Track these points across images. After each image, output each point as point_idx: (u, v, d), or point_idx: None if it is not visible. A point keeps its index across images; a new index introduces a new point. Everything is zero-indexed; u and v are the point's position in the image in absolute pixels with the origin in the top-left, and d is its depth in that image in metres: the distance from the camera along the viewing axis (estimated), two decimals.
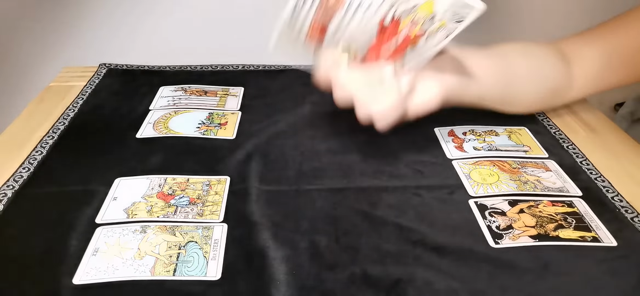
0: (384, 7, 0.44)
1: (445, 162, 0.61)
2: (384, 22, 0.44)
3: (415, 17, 0.44)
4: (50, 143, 0.64)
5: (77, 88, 0.79)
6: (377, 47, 0.46)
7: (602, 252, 0.48)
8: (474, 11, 0.43)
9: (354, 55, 0.46)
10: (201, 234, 0.49)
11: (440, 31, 0.45)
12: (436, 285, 0.44)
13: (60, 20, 1.05)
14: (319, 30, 0.47)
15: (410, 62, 0.46)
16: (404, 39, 0.45)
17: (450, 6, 0.44)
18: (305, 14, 0.46)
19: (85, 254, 0.47)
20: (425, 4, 0.44)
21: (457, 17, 0.44)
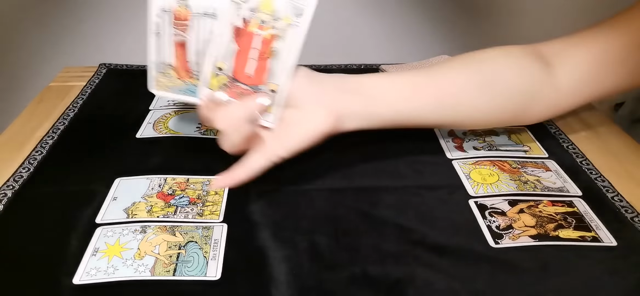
0: (231, 12, 0.46)
1: (445, 162, 0.61)
2: (235, 24, 0.46)
3: (260, 17, 0.45)
4: (50, 143, 0.64)
5: (77, 88, 0.79)
6: (241, 55, 0.46)
7: (602, 252, 0.48)
8: (309, 3, 0.45)
9: (224, 72, 0.47)
10: (201, 234, 0.49)
11: (288, 30, 0.45)
12: (436, 285, 0.44)
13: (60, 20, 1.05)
14: (182, 60, 0.48)
15: (278, 77, 0.46)
16: (262, 42, 0.46)
17: (288, 1, 0.45)
18: (166, 49, 0.48)
19: (85, 254, 0.47)
20: (264, 3, 0.45)
21: (297, 11, 0.45)
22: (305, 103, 0.49)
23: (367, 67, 0.88)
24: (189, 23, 0.47)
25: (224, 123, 0.48)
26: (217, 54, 0.46)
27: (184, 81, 0.49)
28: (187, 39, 0.47)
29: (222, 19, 0.46)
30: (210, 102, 0.48)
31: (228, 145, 0.48)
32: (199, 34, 0.47)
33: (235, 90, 0.47)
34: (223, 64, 0.47)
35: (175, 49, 0.48)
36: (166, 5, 0.47)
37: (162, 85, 0.49)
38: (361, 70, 0.88)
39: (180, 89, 0.49)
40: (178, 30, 0.47)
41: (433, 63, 0.84)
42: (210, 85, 0.48)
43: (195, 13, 0.47)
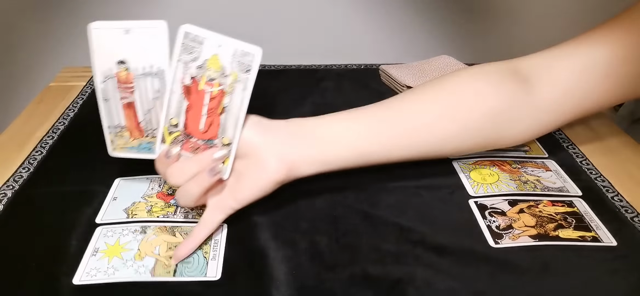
0: (179, 70, 0.47)
1: (445, 162, 0.61)
2: (185, 82, 0.47)
3: (208, 74, 0.46)
4: (50, 143, 0.64)
5: (77, 88, 0.79)
6: (193, 111, 0.47)
7: (602, 252, 0.48)
8: (256, 57, 0.46)
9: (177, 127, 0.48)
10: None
11: (236, 85, 0.46)
12: (436, 285, 0.44)
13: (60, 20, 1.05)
14: (133, 120, 0.50)
15: (230, 131, 0.47)
16: (210, 98, 0.47)
17: (233, 57, 0.46)
18: (116, 112, 0.50)
19: (85, 254, 0.47)
20: (212, 59, 0.46)
21: (244, 67, 0.46)
22: (256, 153, 0.48)
23: (367, 67, 0.88)
24: (133, 84, 0.49)
25: (179, 178, 0.47)
26: (169, 110, 0.47)
27: (139, 140, 0.50)
28: (133, 99, 0.49)
29: (172, 76, 0.47)
30: (165, 158, 0.48)
31: (184, 200, 0.47)
32: (145, 93, 0.49)
33: (190, 145, 0.48)
34: (176, 120, 0.48)
35: (125, 111, 0.49)
36: (108, 71, 0.49)
37: (119, 146, 0.51)
38: (361, 70, 0.88)
39: (136, 148, 0.51)
40: (123, 93, 0.49)
41: (433, 62, 0.84)
42: (165, 140, 0.48)
43: (136, 74, 0.48)
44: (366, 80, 0.84)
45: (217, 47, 0.46)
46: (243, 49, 0.46)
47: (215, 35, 0.46)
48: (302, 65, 0.89)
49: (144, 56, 0.48)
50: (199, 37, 0.46)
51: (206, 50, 0.46)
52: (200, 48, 0.46)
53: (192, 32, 0.46)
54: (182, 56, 0.46)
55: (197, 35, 0.46)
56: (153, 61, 0.48)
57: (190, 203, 0.47)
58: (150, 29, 0.47)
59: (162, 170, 0.48)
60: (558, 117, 0.56)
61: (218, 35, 0.46)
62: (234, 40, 0.46)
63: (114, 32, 0.48)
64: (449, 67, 0.82)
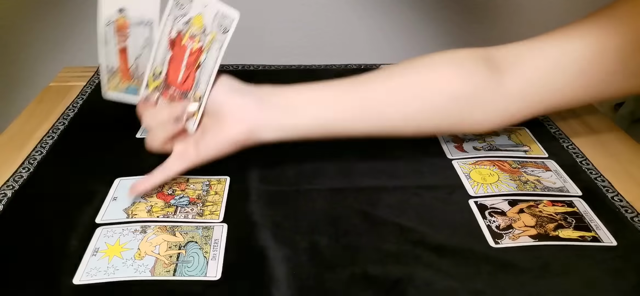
0: (168, 24, 0.52)
1: (445, 162, 0.61)
2: (171, 35, 0.52)
3: (192, 30, 0.51)
4: (50, 143, 0.64)
5: (77, 88, 0.79)
6: (174, 62, 0.52)
7: (602, 252, 0.48)
8: (234, 20, 0.50)
9: (160, 76, 0.53)
10: (201, 234, 0.49)
11: (213, 44, 0.51)
12: (436, 285, 0.44)
13: (60, 20, 1.05)
14: (125, 64, 0.56)
15: (202, 88, 0.51)
16: (190, 53, 0.51)
17: (214, 18, 0.50)
18: (112, 55, 0.56)
19: (85, 254, 0.47)
20: (196, 17, 0.51)
21: (223, 28, 0.50)
22: (220, 112, 0.52)
23: (367, 67, 0.88)
24: (129, 31, 0.55)
25: (151, 120, 0.52)
26: (155, 59, 0.52)
27: (127, 83, 0.57)
28: (127, 45, 0.55)
29: (161, 28, 0.52)
30: (145, 102, 0.53)
31: (150, 141, 0.52)
32: (136, 40, 0.55)
33: (168, 94, 0.53)
34: (160, 68, 0.52)
35: (119, 55, 0.56)
36: (111, 17, 0.56)
37: (112, 87, 0.57)
38: (361, 70, 0.87)
39: (125, 90, 0.57)
40: (120, 38, 0.55)
41: None
42: (148, 86, 0.53)
43: (132, 23, 0.55)
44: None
45: (203, 7, 0.51)
46: (224, 12, 0.50)
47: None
48: (302, 65, 0.89)
49: (140, 7, 0.55)
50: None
51: (194, 8, 0.51)
52: (190, 5, 0.51)
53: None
54: (173, 11, 0.51)
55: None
56: (145, 12, 0.55)
57: (155, 146, 0.53)
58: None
59: (140, 112, 0.53)
60: (525, 108, 0.55)
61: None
62: (217, 3, 0.50)
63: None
64: None
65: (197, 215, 0.52)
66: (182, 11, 0.51)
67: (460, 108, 0.54)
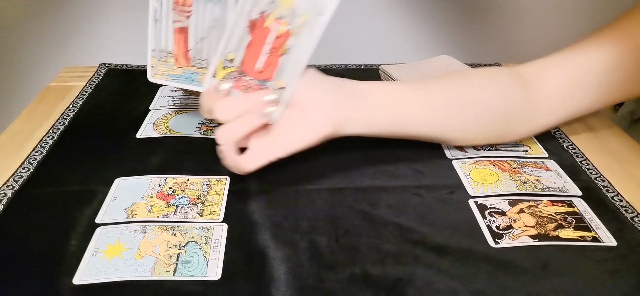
0: (248, 3, 0.44)
1: (445, 162, 0.61)
2: (251, 16, 0.44)
3: (278, 12, 0.44)
4: (50, 143, 0.64)
5: (77, 88, 0.79)
6: (253, 47, 0.45)
7: (602, 252, 0.48)
8: (331, 0, 0.43)
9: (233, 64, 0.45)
10: (201, 234, 0.49)
11: (304, 27, 0.44)
12: (436, 285, 0.44)
13: (60, 20, 1.05)
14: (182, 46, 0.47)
15: (287, 74, 0.45)
16: (276, 38, 0.44)
17: (309, 0, 0.43)
18: (166, 35, 0.47)
19: (85, 254, 0.47)
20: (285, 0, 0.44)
21: (318, 9, 0.43)
22: (308, 104, 0.49)
23: (367, 67, 0.88)
24: (192, 8, 0.46)
25: (226, 113, 0.47)
26: (229, 43, 0.45)
27: (183, 68, 0.48)
28: (188, 25, 0.46)
29: (239, 8, 0.44)
30: (214, 92, 0.47)
31: (226, 137, 0.47)
32: (202, 19, 0.46)
33: (242, 83, 0.46)
34: (233, 55, 0.45)
35: (175, 35, 0.47)
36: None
37: (160, 72, 0.49)
38: (361, 70, 0.88)
39: (179, 76, 0.48)
40: (178, 16, 0.46)
41: (433, 63, 0.84)
42: (216, 74, 0.46)
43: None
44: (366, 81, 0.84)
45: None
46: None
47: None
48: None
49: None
50: None
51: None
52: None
53: None
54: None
55: None
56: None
57: (232, 142, 0.47)
58: None
59: (208, 104, 0.47)
60: (553, 118, 0.61)
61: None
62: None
63: None
64: (449, 67, 0.82)
65: (197, 215, 0.52)
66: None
67: (506, 122, 0.59)
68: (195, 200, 0.54)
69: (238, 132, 0.47)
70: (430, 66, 0.83)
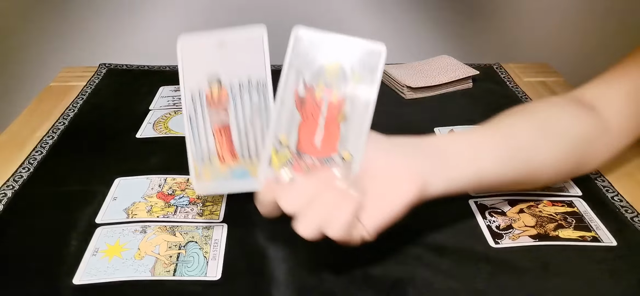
0: (291, 79, 0.41)
1: None
2: (299, 93, 0.41)
3: (326, 80, 0.41)
4: (50, 143, 0.64)
5: (77, 88, 0.79)
6: (307, 124, 0.41)
7: (602, 252, 0.48)
8: (381, 54, 0.41)
9: (288, 147, 0.41)
10: (201, 234, 0.49)
11: (359, 88, 0.41)
12: (436, 285, 0.44)
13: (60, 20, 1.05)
14: (226, 144, 0.43)
15: (351, 143, 0.41)
16: (328, 107, 0.41)
17: (354, 59, 0.41)
18: (205, 136, 0.42)
19: (85, 254, 0.47)
20: (330, 62, 0.41)
21: (368, 68, 0.41)
22: (385, 175, 0.42)
23: None
24: (229, 102, 0.42)
25: (298, 204, 0.40)
26: (278, 126, 0.41)
27: (231, 167, 0.43)
28: (227, 120, 0.42)
29: (282, 87, 0.41)
30: (275, 184, 0.41)
31: (307, 228, 0.39)
32: (242, 111, 0.42)
33: (302, 165, 0.41)
34: (285, 137, 0.41)
35: (216, 135, 0.43)
36: (196, 89, 0.42)
37: (207, 176, 0.43)
38: None
39: (229, 176, 0.43)
40: (215, 114, 0.42)
41: (433, 62, 0.84)
42: (271, 163, 0.41)
43: (232, 91, 0.42)
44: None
45: (335, 49, 0.41)
46: (366, 47, 0.41)
47: (332, 35, 0.41)
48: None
49: (241, 69, 0.42)
50: (314, 39, 0.41)
51: (322, 52, 0.41)
52: (315, 51, 0.41)
53: (306, 34, 0.41)
54: (293, 63, 0.41)
55: (311, 37, 0.41)
56: (251, 73, 0.42)
57: (314, 233, 0.39)
58: (247, 37, 0.41)
59: (269, 196, 0.41)
60: (627, 138, 0.56)
61: (335, 35, 0.41)
62: (354, 39, 0.41)
63: (206, 45, 0.41)
64: (449, 67, 0.82)
65: (197, 215, 0.52)
66: (306, 60, 0.41)
67: (583, 150, 0.54)
68: (195, 200, 0.54)
69: (318, 219, 0.40)
70: (430, 66, 0.83)
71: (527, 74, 0.86)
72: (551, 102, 0.57)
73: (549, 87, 0.82)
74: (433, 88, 0.79)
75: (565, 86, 0.82)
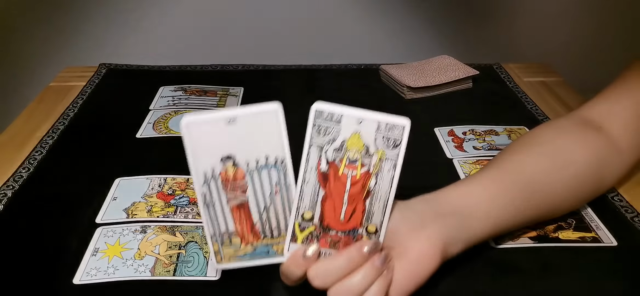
0: (313, 156, 0.41)
1: (445, 162, 0.61)
2: (321, 169, 0.41)
3: (350, 156, 0.41)
4: (50, 143, 0.64)
5: (77, 88, 0.79)
6: (332, 199, 0.41)
7: (602, 252, 0.48)
8: (405, 129, 0.41)
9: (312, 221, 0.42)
10: (201, 234, 0.49)
11: (383, 164, 0.41)
12: (436, 285, 0.44)
13: (60, 20, 1.05)
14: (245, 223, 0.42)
15: (377, 218, 0.42)
16: (353, 184, 0.41)
17: (377, 133, 0.41)
18: (223, 217, 0.42)
19: (85, 254, 0.47)
20: (352, 138, 0.41)
21: (392, 142, 0.41)
22: (404, 241, 0.43)
23: (367, 67, 0.88)
24: (245, 181, 0.41)
25: (328, 279, 0.40)
26: (302, 203, 0.41)
27: (253, 244, 0.43)
28: (245, 199, 0.42)
29: (304, 165, 0.41)
30: (302, 259, 0.41)
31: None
32: (260, 189, 0.42)
33: (328, 239, 0.42)
34: (309, 213, 0.42)
35: (234, 214, 0.42)
36: (210, 171, 0.41)
37: (228, 256, 0.42)
38: (361, 70, 0.87)
39: (251, 254, 0.43)
40: (232, 193, 0.42)
41: (433, 62, 0.84)
42: (296, 239, 0.42)
43: (248, 170, 0.41)
44: (366, 80, 0.84)
45: (357, 124, 0.40)
46: (389, 122, 0.40)
47: (354, 111, 0.40)
48: (302, 65, 0.89)
49: (257, 147, 0.41)
50: (335, 114, 0.40)
51: (345, 128, 0.40)
52: (337, 127, 0.41)
53: (326, 109, 0.40)
54: (314, 139, 0.41)
55: (332, 112, 0.40)
56: (269, 151, 0.41)
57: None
58: (261, 114, 0.40)
59: (296, 273, 0.41)
60: (638, 155, 0.55)
61: (356, 110, 0.40)
62: (377, 114, 0.40)
63: (214, 124, 0.40)
64: (449, 67, 0.82)
65: (197, 215, 0.52)
66: (328, 136, 0.41)
67: (596, 174, 0.53)
68: (195, 200, 0.54)
69: (357, 292, 0.40)
70: (430, 66, 0.83)
71: (527, 74, 0.86)
72: (558, 128, 0.55)
73: (549, 87, 0.82)
74: (433, 88, 0.79)
75: (565, 86, 0.82)
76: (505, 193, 0.48)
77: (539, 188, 0.49)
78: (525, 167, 0.50)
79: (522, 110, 0.74)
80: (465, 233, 0.45)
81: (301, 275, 0.41)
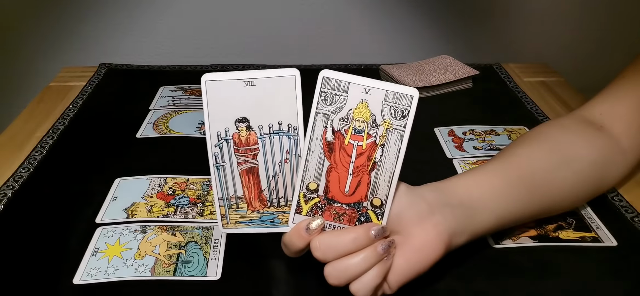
0: (319, 125, 0.40)
1: (445, 162, 0.61)
2: (327, 138, 0.41)
3: (355, 125, 0.40)
4: (50, 143, 0.64)
5: (77, 88, 0.79)
6: (336, 170, 0.41)
7: (602, 252, 0.48)
8: (413, 99, 0.40)
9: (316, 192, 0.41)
10: (201, 234, 0.49)
11: (390, 135, 0.40)
12: (436, 285, 0.44)
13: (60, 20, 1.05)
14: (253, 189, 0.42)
15: (382, 192, 0.41)
16: (358, 155, 0.40)
17: (384, 103, 0.40)
18: (232, 181, 0.42)
19: (85, 254, 0.47)
20: (359, 107, 0.40)
21: (400, 113, 0.40)
22: (409, 226, 0.42)
23: (367, 67, 0.88)
24: (257, 146, 0.41)
25: (332, 254, 0.40)
26: (307, 173, 0.41)
27: (259, 212, 0.43)
28: (256, 164, 0.42)
29: (310, 134, 0.40)
30: (305, 231, 0.41)
31: (336, 280, 0.40)
32: (271, 156, 0.42)
33: (332, 212, 0.41)
34: (314, 184, 0.41)
35: (243, 179, 0.42)
36: (223, 132, 0.41)
37: (234, 220, 0.43)
38: (361, 70, 0.87)
39: (256, 221, 0.43)
40: (243, 157, 0.42)
41: (433, 62, 0.84)
42: (301, 209, 0.42)
43: (261, 134, 0.41)
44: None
45: (364, 93, 0.40)
46: (397, 91, 0.40)
47: (361, 79, 0.40)
48: (302, 65, 0.89)
49: (271, 111, 0.41)
50: (342, 83, 0.40)
51: (351, 97, 0.40)
52: (344, 96, 0.40)
53: (333, 77, 0.40)
54: (320, 108, 0.40)
55: (338, 80, 0.40)
56: (282, 117, 0.41)
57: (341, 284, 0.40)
58: (279, 79, 0.41)
59: (299, 244, 0.41)
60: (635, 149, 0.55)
61: (364, 79, 0.40)
62: (385, 83, 0.40)
63: (233, 83, 0.40)
64: (449, 67, 0.82)
65: (197, 215, 0.52)
66: (334, 105, 0.40)
67: (599, 172, 0.53)
68: (195, 200, 0.54)
69: (350, 276, 0.40)
70: (430, 66, 0.83)
71: (527, 74, 0.86)
72: (561, 126, 0.55)
73: (549, 87, 0.82)
74: (433, 88, 0.79)
75: (565, 86, 0.82)
76: (511, 187, 0.48)
77: (543, 183, 0.49)
78: (531, 162, 0.50)
79: (522, 110, 0.74)
80: (471, 225, 0.45)
81: (303, 247, 0.41)
